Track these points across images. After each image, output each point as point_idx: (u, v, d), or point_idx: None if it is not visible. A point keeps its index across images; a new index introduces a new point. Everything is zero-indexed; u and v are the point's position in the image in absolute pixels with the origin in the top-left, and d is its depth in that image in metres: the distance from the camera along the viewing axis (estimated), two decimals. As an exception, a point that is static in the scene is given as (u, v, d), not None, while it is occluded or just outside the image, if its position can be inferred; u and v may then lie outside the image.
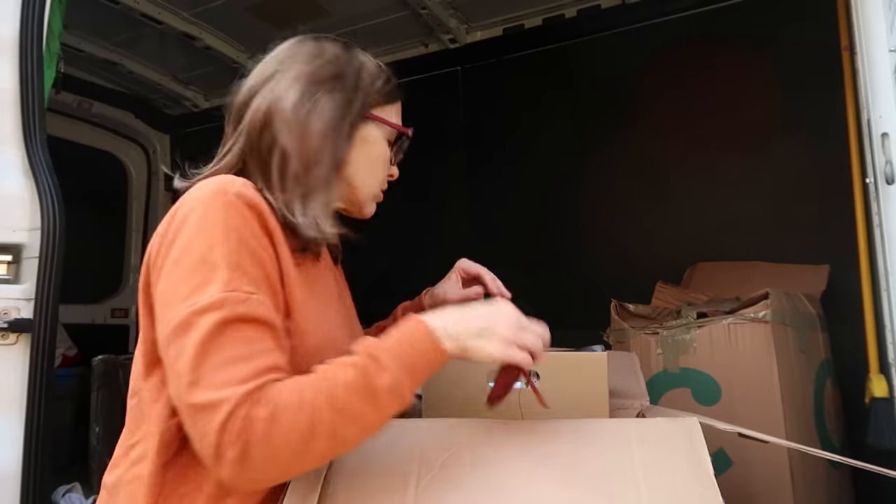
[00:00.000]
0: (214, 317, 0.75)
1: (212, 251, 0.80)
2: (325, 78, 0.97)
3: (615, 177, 2.92)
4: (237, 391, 0.72)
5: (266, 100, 0.95)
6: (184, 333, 0.75)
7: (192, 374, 0.74)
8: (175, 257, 0.81)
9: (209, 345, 0.74)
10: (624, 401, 1.29)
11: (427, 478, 0.86)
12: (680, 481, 0.84)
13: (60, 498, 2.41)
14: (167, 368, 0.79)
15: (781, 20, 2.56)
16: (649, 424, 0.92)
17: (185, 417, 0.76)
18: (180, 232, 0.82)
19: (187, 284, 0.78)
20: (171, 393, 0.79)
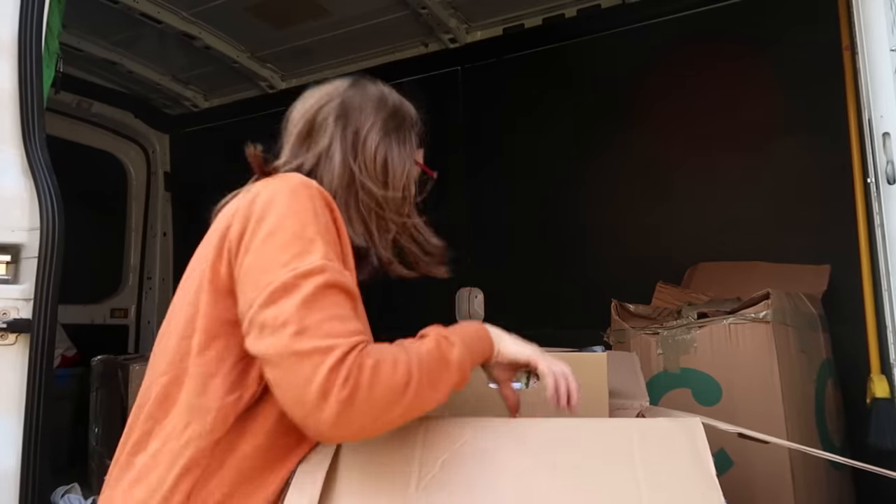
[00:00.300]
0: (318, 280, 0.82)
1: (306, 228, 0.88)
2: (392, 128, 1.12)
3: (615, 177, 2.92)
4: (345, 340, 0.79)
5: (340, 142, 1.07)
6: (287, 294, 0.81)
7: (298, 325, 0.79)
8: (269, 231, 0.88)
9: (314, 303, 0.81)
10: (624, 401, 1.29)
11: (428, 477, 0.86)
12: (681, 482, 0.83)
13: (59, 498, 2.41)
14: (260, 327, 0.82)
15: (782, 20, 2.56)
16: (651, 424, 0.92)
17: (282, 367, 0.79)
18: (269, 211, 0.90)
19: (286, 253, 0.85)
20: (263, 347, 0.81)
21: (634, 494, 0.82)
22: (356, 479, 0.88)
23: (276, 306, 0.81)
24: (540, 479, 0.85)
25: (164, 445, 0.88)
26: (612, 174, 2.93)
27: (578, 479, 0.85)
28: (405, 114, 1.16)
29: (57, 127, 3.22)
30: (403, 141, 1.12)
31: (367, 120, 1.09)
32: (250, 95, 3.79)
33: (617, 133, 2.91)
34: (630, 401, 1.30)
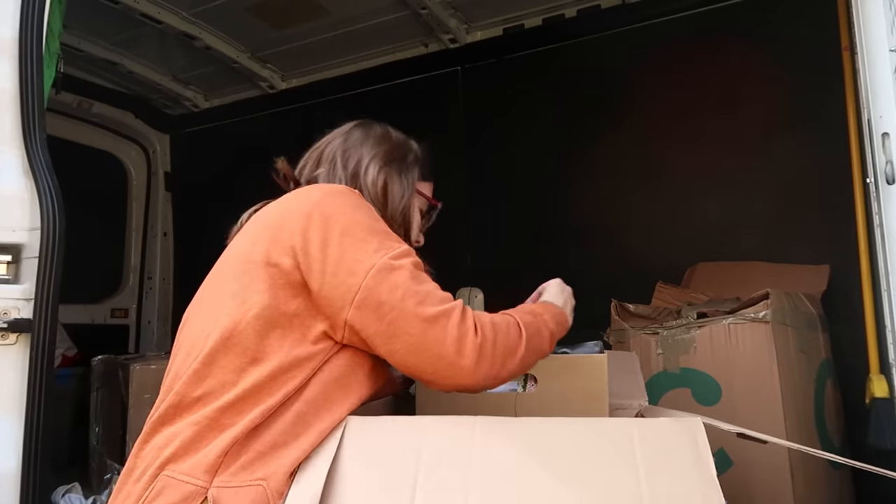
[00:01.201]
0: (410, 260, 0.97)
1: (376, 222, 1.02)
2: (393, 159, 1.23)
3: (615, 176, 2.92)
4: (457, 303, 0.96)
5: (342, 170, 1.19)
6: (390, 273, 0.93)
7: (416, 297, 0.93)
8: (343, 228, 0.97)
9: (415, 277, 0.95)
10: (623, 401, 1.29)
11: (429, 476, 0.86)
12: (682, 482, 0.84)
13: (60, 498, 2.41)
14: (376, 306, 0.92)
15: (782, 20, 2.56)
16: (651, 424, 0.92)
17: (414, 335, 0.92)
18: (331, 210, 0.99)
19: (370, 244, 0.96)
20: (391, 321, 0.92)
21: (634, 494, 0.82)
22: (358, 477, 0.88)
23: (386, 284, 0.92)
24: (540, 478, 0.85)
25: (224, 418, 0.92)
26: (611, 174, 2.93)
27: (578, 478, 0.85)
28: (408, 149, 1.27)
29: (58, 127, 3.23)
30: (404, 171, 1.23)
31: (369, 152, 1.21)
32: (250, 95, 3.79)
33: (617, 133, 2.91)
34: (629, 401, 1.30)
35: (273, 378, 0.92)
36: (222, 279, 1.03)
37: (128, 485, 0.92)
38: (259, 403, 0.91)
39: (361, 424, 0.95)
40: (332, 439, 0.92)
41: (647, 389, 1.38)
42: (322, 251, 0.95)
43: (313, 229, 0.97)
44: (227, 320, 0.96)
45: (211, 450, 0.88)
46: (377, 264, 0.93)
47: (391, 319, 0.92)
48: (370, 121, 1.29)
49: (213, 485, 0.86)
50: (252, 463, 0.89)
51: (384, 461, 0.89)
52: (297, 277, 0.96)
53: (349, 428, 0.94)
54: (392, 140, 1.26)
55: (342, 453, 0.90)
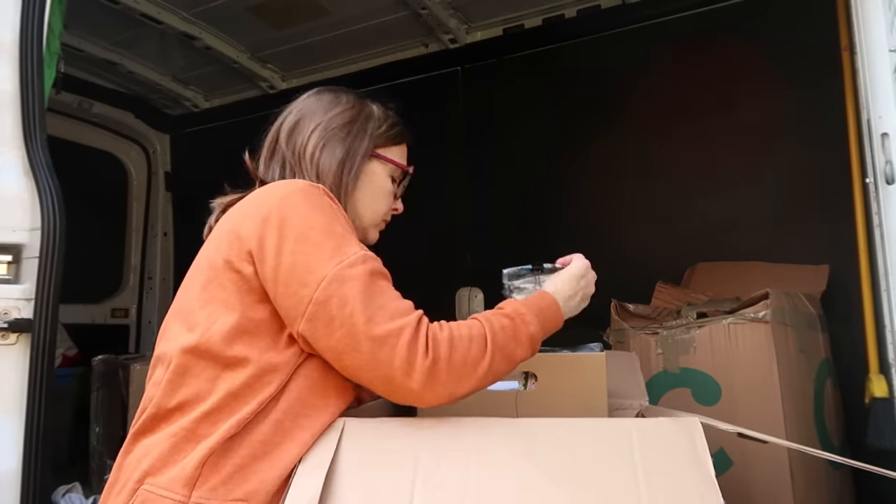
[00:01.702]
0: (364, 268, 0.91)
1: (333, 224, 0.96)
2: (338, 125, 1.16)
3: (615, 176, 2.92)
4: (411, 318, 0.89)
5: (293, 145, 1.15)
6: (341, 285, 0.89)
7: (365, 314, 0.87)
8: (299, 233, 0.93)
9: (368, 290, 0.89)
10: (623, 401, 1.29)
11: (427, 477, 0.86)
12: (681, 482, 0.84)
13: (60, 498, 2.41)
14: (327, 321, 0.88)
15: (781, 20, 2.56)
16: (650, 424, 0.92)
17: (362, 354, 0.87)
18: (288, 213, 0.94)
19: (325, 250, 0.92)
20: (336, 339, 0.88)
21: (634, 494, 0.82)
22: (356, 479, 0.88)
23: (336, 298, 0.88)
24: (539, 478, 0.85)
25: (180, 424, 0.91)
26: (611, 174, 2.93)
27: (577, 478, 0.85)
28: (358, 111, 1.19)
29: (58, 127, 3.23)
30: (348, 136, 1.15)
31: (310, 125, 1.15)
32: (251, 96, 3.79)
33: (617, 133, 2.91)
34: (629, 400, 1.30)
35: (247, 385, 0.91)
36: (192, 286, 1.01)
37: (111, 497, 0.92)
38: (234, 412, 0.90)
39: (359, 426, 0.95)
40: (331, 441, 0.92)
41: (647, 389, 1.38)
42: (276, 258, 0.92)
43: (269, 235, 0.94)
44: (196, 329, 0.95)
45: (188, 462, 0.87)
46: (328, 275, 0.89)
47: (340, 336, 0.88)
48: (324, 88, 1.24)
49: (191, 499, 0.86)
50: (231, 477, 0.87)
51: (382, 463, 0.89)
52: (257, 283, 0.94)
53: (347, 429, 0.93)
54: (340, 104, 1.19)
55: (340, 455, 0.90)
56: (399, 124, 1.25)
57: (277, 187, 1.02)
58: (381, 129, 1.20)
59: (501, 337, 0.94)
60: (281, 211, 0.95)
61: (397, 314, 0.89)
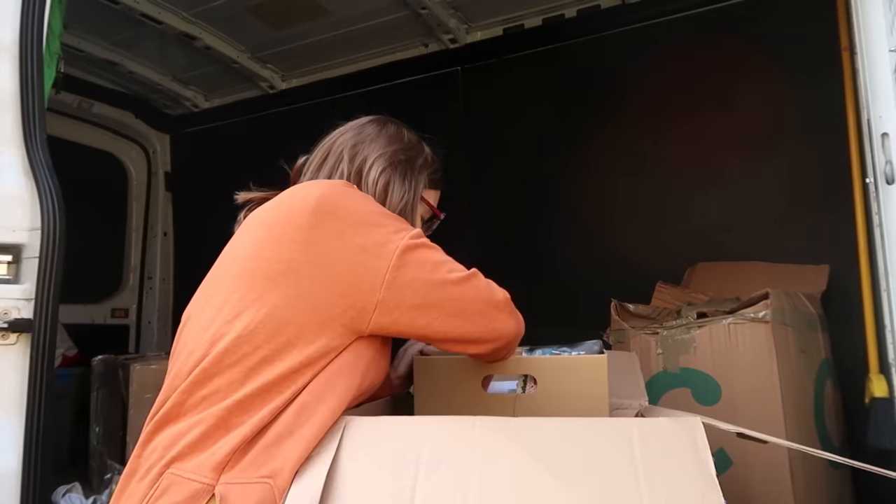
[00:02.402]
0: (425, 239, 1.02)
1: (381, 209, 1.05)
2: (401, 161, 1.23)
3: (615, 176, 2.92)
4: (473, 270, 1.04)
5: (356, 162, 1.19)
6: (414, 251, 0.98)
7: (444, 266, 1.00)
8: (357, 217, 0.99)
9: (437, 251, 1.02)
10: (622, 401, 1.29)
11: (428, 476, 0.86)
12: (681, 482, 0.84)
13: (60, 498, 2.41)
14: (408, 284, 0.96)
15: (781, 20, 2.56)
16: (651, 424, 0.92)
17: (454, 297, 0.99)
18: (341, 202, 1.00)
19: (388, 227, 0.99)
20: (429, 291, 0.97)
21: (634, 493, 0.82)
22: (358, 477, 0.88)
23: (414, 260, 0.97)
24: (539, 478, 0.85)
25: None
26: (612, 174, 2.93)
27: (578, 478, 0.85)
28: (418, 152, 1.27)
29: (58, 127, 3.24)
30: (409, 174, 1.23)
31: (376, 150, 1.20)
32: (250, 96, 3.79)
33: (617, 133, 2.91)
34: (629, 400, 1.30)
35: (284, 378, 0.92)
36: (225, 278, 1.01)
37: (131, 484, 0.91)
38: (268, 402, 0.91)
39: (361, 424, 0.95)
40: (332, 439, 0.92)
41: (647, 389, 1.38)
42: (340, 240, 0.96)
43: (326, 221, 0.97)
44: (237, 322, 0.94)
45: (219, 449, 0.88)
46: (401, 245, 0.96)
47: (425, 292, 0.96)
48: (386, 118, 1.29)
49: (219, 482, 0.86)
50: (258, 457, 0.88)
51: (384, 461, 0.89)
52: (310, 272, 0.95)
53: (349, 428, 0.94)
54: (403, 141, 1.26)
55: (342, 453, 0.90)
56: (441, 169, 1.33)
57: (314, 184, 1.07)
58: (430, 173, 1.29)
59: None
60: (331, 200, 1.00)
61: (462, 266, 1.02)
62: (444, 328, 0.99)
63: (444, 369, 1.24)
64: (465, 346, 1.04)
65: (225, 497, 0.84)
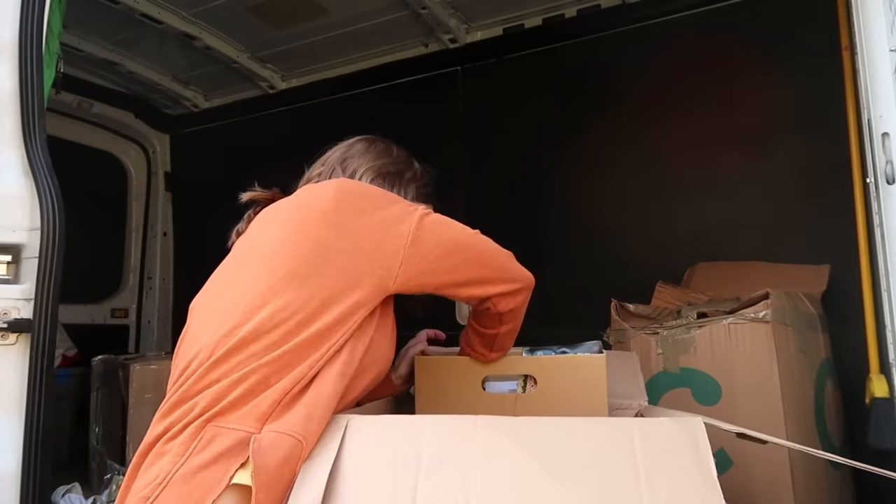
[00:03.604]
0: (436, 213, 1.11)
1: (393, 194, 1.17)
2: (389, 172, 1.29)
3: (615, 176, 2.92)
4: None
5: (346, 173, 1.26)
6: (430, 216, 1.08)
7: (459, 225, 1.12)
8: (373, 198, 1.09)
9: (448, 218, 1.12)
10: (622, 401, 1.29)
11: (429, 476, 0.86)
12: (682, 482, 0.84)
13: (60, 498, 2.41)
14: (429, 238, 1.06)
15: (781, 20, 2.56)
16: (651, 424, 0.92)
17: (474, 244, 1.13)
18: (358, 189, 1.11)
19: (402, 203, 1.10)
20: (450, 240, 1.09)
21: (635, 494, 0.82)
22: (360, 476, 0.88)
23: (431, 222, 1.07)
24: (539, 478, 0.85)
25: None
26: (611, 174, 2.93)
27: (579, 478, 0.85)
28: (407, 166, 1.33)
29: (57, 127, 3.23)
30: (397, 184, 1.29)
31: (366, 163, 1.27)
32: (250, 95, 3.79)
33: (617, 133, 2.91)
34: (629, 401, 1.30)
35: (320, 335, 0.97)
36: (249, 264, 1.07)
37: (157, 446, 0.91)
38: (305, 358, 0.96)
39: (362, 424, 0.95)
40: (334, 439, 0.92)
41: (647, 389, 1.38)
42: (360, 217, 1.04)
43: (346, 203, 1.05)
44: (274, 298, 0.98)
45: (262, 401, 0.91)
46: (418, 213, 1.07)
47: (447, 242, 1.07)
48: (376, 137, 1.35)
49: (262, 430, 0.89)
50: (298, 411, 0.92)
51: (385, 461, 0.89)
52: (338, 246, 1.02)
53: (350, 428, 0.93)
54: (392, 155, 1.32)
55: (343, 453, 0.90)
56: (430, 185, 1.38)
57: (328, 181, 1.17)
58: (418, 185, 1.33)
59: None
60: (347, 187, 1.09)
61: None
62: (467, 271, 1.09)
63: (445, 369, 1.24)
64: (487, 286, 1.12)
65: (259, 442, 0.87)
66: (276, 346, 0.95)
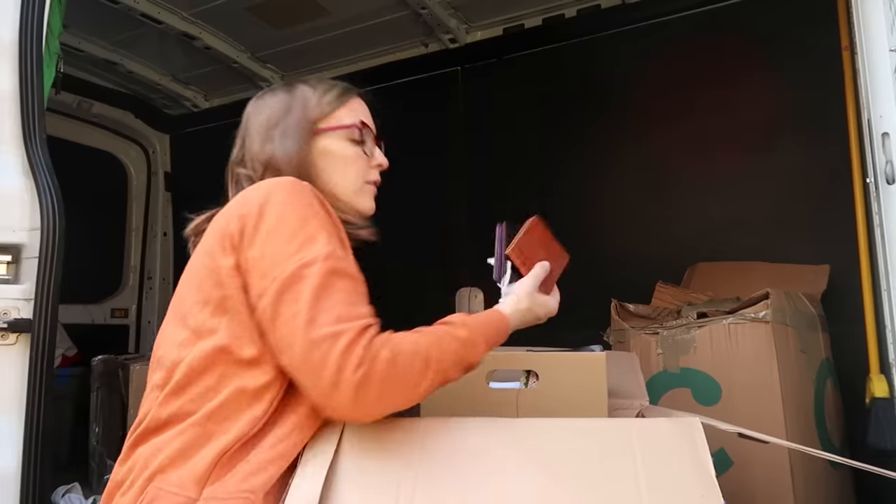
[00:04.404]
0: (323, 267, 0.87)
1: (307, 221, 0.92)
2: (273, 124, 1.14)
3: (615, 176, 2.92)
4: (354, 325, 0.84)
5: (248, 149, 1.15)
6: (296, 283, 0.86)
7: (308, 314, 0.84)
8: (272, 226, 0.92)
9: (321, 290, 0.86)
10: (623, 401, 1.29)
11: (428, 476, 0.86)
12: (681, 482, 0.84)
13: (60, 498, 2.41)
14: (272, 317, 0.87)
15: (782, 20, 2.56)
16: (650, 424, 0.92)
17: (297, 355, 0.84)
18: (267, 207, 0.93)
19: (292, 244, 0.90)
20: (281, 336, 0.87)
21: (634, 495, 0.82)
22: (356, 478, 0.88)
23: (288, 294, 0.86)
24: (539, 478, 0.85)
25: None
26: (611, 174, 2.93)
27: (577, 479, 0.85)
28: (288, 102, 1.16)
29: (57, 127, 3.23)
30: (288, 129, 1.12)
31: (254, 129, 1.16)
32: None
33: (617, 133, 2.91)
34: (630, 400, 1.30)
35: (261, 386, 0.90)
36: (188, 288, 1.00)
37: (115, 497, 0.91)
38: (245, 411, 0.89)
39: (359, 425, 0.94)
40: (330, 441, 0.92)
41: (647, 389, 1.38)
42: (250, 248, 0.92)
43: (248, 225, 0.93)
44: (201, 330, 0.93)
45: (201, 460, 0.86)
46: (287, 271, 0.87)
47: (282, 334, 0.86)
48: (260, 93, 1.23)
49: (202, 495, 0.84)
50: (241, 469, 0.86)
51: (383, 462, 0.89)
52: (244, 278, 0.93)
53: (347, 429, 0.93)
54: (268, 103, 1.18)
55: (340, 454, 0.90)
56: (335, 87, 1.19)
57: (262, 184, 1.00)
58: (315, 104, 1.16)
59: (446, 361, 0.90)
60: (261, 204, 0.94)
61: (342, 319, 0.84)
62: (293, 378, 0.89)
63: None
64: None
65: None
66: (213, 392, 0.90)
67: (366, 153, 1.17)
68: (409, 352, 0.86)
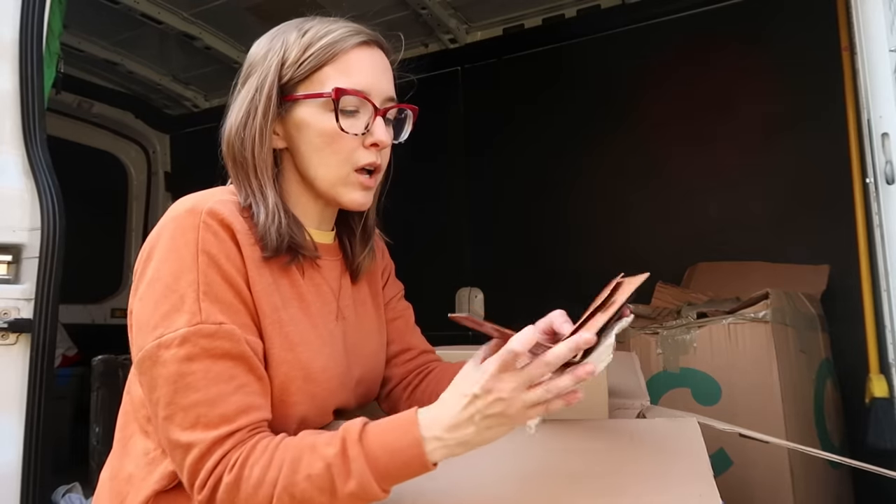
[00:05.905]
0: (181, 352, 0.76)
1: (179, 279, 0.79)
2: (241, 80, 0.95)
3: (615, 176, 2.92)
4: (207, 437, 0.75)
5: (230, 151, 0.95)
6: (153, 366, 0.77)
7: (167, 409, 0.76)
8: (150, 279, 0.81)
9: (178, 382, 0.76)
10: (624, 401, 1.29)
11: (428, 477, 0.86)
12: (679, 482, 0.84)
13: (60, 498, 2.41)
14: (144, 390, 0.81)
15: (781, 20, 2.56)
16: (648, 425, 0.92)
17: (165, 446, 0.80)
18: (154, 252, 0.83)
19: (157, 312, 0.78)
20: (152, 413, 0.80)
21: (633, 494, 0.82)
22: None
23: (146, 377, 0.78)
24: (538, 479, 0.86)
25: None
26: (611, 174, 2.93)
27: (576, 479, 0.85)
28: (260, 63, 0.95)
29: (58, 127, 3.23)
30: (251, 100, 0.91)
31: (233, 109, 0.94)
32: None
33: (617, 133, 2.91)
34: (630, 400, 1.30)
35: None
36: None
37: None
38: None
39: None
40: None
41: (647, 389, 1.38)
42: (133, 297, 0.84)
43: (138, 271, 0.85)
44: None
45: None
46: (144, 349, 0.78)
47: (152, 412, 0.80)
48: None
49: None
50: None
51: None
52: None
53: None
54: (258, 47, 0.99)
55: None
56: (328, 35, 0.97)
57: (167, 212, 0.86)
58: (289, 64, 0.93)
59: (305, 487, 0.73)
60: (151, 247, 0.84)
61: (198, 424, 0.75)
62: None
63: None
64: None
65: None
66: (117, 458, 0.92)
67: (349, 128, 0.91)
68: (257, 477, 0.73)
